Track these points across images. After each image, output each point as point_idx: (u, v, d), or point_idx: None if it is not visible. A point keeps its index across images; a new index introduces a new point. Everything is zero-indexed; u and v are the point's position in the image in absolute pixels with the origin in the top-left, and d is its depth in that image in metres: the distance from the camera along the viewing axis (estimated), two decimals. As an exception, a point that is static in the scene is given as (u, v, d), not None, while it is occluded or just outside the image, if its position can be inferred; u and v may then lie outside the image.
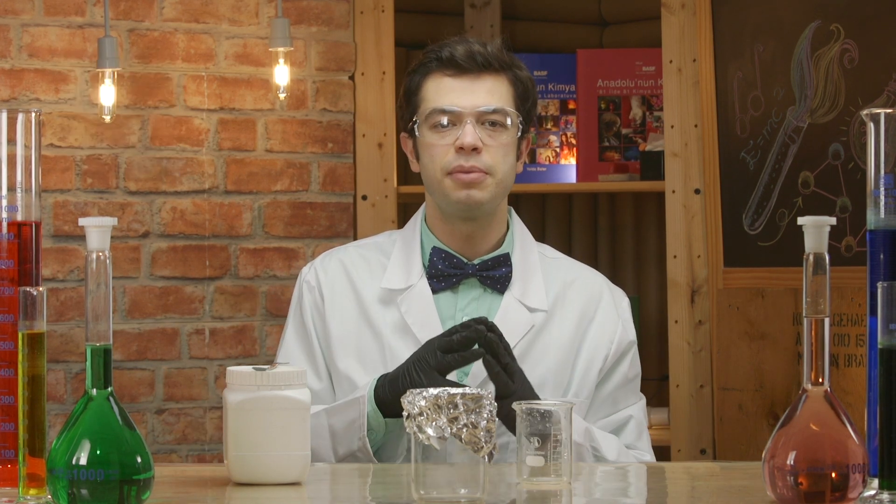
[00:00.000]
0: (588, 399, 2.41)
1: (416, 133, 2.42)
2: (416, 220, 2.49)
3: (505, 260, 2.42)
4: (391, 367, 2.33)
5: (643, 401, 2.50)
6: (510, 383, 2.22)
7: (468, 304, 2.42)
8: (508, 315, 2.39)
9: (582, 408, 2.40)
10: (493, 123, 2.39)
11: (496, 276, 2.41)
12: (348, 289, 2.45)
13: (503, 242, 2.46)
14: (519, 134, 2.42)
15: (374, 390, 2.29)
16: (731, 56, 3.47)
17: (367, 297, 2.44)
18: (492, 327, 2.24)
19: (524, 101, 2.43)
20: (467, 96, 2.39)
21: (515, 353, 2.31)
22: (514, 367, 2.24)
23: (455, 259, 2.42)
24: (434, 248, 2.43)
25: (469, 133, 2.36)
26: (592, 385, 2.42)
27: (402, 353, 2.35)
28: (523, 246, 2.47)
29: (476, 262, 2.42)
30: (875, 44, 3.20)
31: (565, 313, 2.44)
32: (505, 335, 2.29)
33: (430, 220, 2.47)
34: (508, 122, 2.39)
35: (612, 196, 4.16)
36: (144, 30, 3.49)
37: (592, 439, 2.33)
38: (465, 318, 2.37)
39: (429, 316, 2.38)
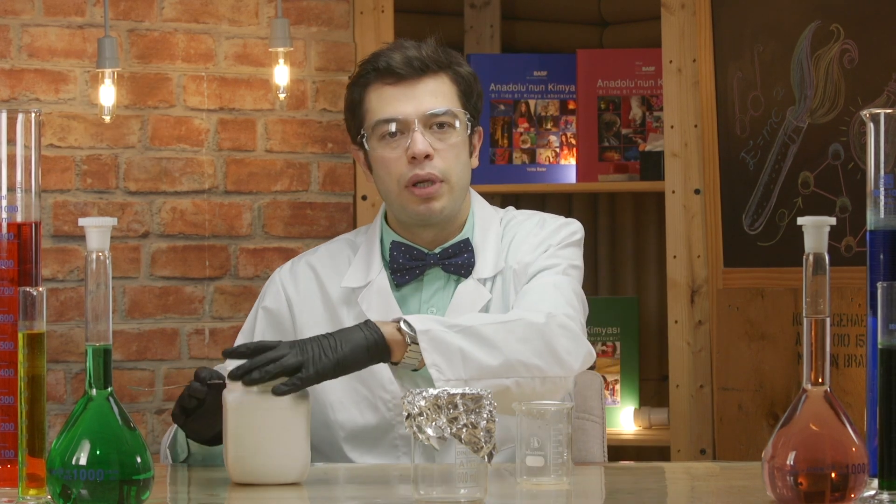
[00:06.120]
0: None
1: (366, 146, 2.40)
2: (377, 217, 2.48)
3: (465, 245, 2.41)
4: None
5: (566, 277, 2.36)
6: (286, 357, 2.02)
7: (432, 295, 2.41)
8: (463, 297, 2.37)
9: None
10: (440, 126, 2.37)
11: (459, 262, 2.39)
12: (316, 289, 2.44)
13: (464, 226, 2.44)
14: (469, 131, 2.40)
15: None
16: (731, 56, 3.47)
17: (332, 297, 2.43)
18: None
19: (469, 97, 2.41)
20: (411, 102, 2.36)
21: None
22: (275, 351, 2.05)
23: (415, 251, 2.40)
24: (393, 242, 2.42)
25: (419, 140, 2.34)
26: None
27: None
28: (483, 223, 2.44)
29: (437, 250, 2.41)
30: (875, 44, 3.20)
31: (509, 264, 2.40)
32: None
33: (391, 220, 2.46)
34: (457, 123, 2.37)
35: (612, 196, 4.16)
36: (144, 30, 3.49)
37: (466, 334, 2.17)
38: (431, 311, 2.37)
39: (388, 310, 2.35)
